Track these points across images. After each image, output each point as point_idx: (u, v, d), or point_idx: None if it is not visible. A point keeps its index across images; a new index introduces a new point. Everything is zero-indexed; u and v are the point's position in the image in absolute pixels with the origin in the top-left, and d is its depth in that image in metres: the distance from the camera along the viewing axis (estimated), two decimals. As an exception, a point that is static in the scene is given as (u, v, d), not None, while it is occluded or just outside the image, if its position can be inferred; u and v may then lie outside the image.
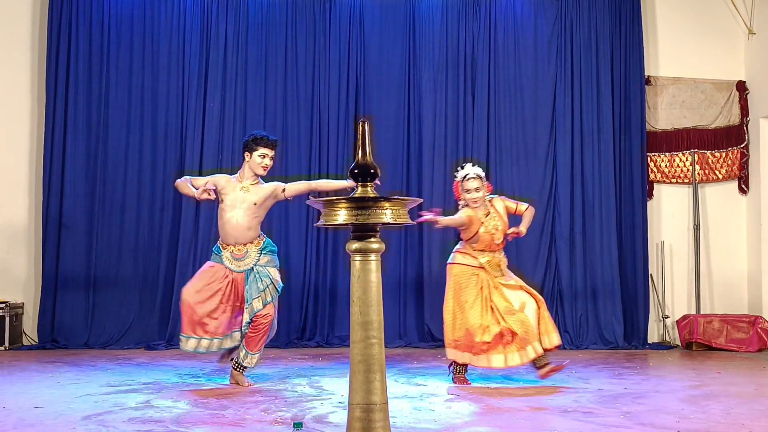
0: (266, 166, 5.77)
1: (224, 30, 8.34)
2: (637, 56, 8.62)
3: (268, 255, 5.74)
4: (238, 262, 5.66)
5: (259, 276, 5.63)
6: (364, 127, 3.47)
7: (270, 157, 5.77)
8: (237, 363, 5.71)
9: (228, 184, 5.76)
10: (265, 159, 5.75)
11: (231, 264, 5.67)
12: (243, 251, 5.67)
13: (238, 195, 5.70)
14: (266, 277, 5.64)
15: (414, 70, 8.52)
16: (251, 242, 5.69)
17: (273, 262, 5.75)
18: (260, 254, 5.70)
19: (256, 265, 5.67)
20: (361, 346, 3.36)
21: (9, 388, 5.57)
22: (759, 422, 4.49)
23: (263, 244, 5.74)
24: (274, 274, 5.70)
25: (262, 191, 5.73)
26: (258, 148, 5.73)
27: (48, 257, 7.99)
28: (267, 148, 5.75)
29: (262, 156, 5.74)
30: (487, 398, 5.27)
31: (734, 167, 8.79)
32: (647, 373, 6.52)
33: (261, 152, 5.73)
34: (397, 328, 8.25)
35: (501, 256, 6.03)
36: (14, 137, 8.28)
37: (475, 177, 5.91)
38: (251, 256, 5.68)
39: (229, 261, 5.68)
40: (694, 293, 8.55)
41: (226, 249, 5.70)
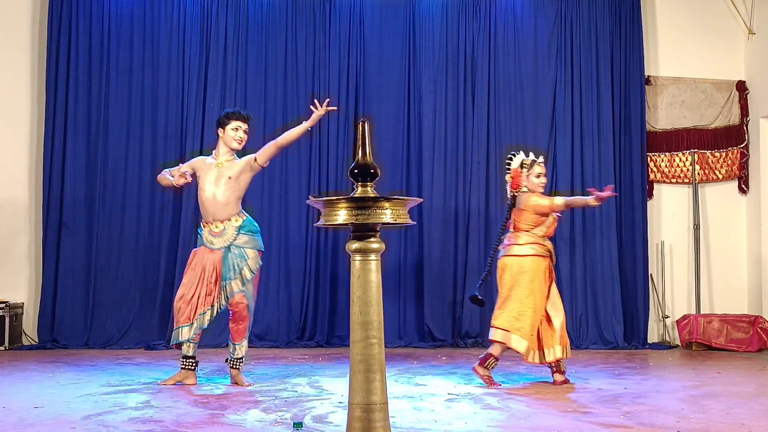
0: (240, 139, 5.76)
1: (224, 30, 8.34)
2: (637, 56, 8.62)
3: (247, 235, 5.70)
4: (215, 239, 5.66)
5: (235, 256, 5.63)
6: (364, 127, 3.47)
7: (243, 131, 5.77)
8: (232, 361, 5.74)
9: (204, 164, 5.78)
10: (239, 132, 5.75)
11: (209, 242, 5.67)
12: (220, 228, 5.65)
13: (214, 172, 5.72)
14: (240, 258, 5.63)
15: (414, 70, 8.52)
16: (229, 219, 5.68)
17: (251, 242, 5.71)
18: (238, 233, 5.67)
19: (233, 244, 5.66)
20: (361, 346, 3.36)
21: (9, 388, 5.57)
22: (759, 422, 4.49)
23: (242, 223, 5.71)
24: (251, 254, 5.67)
25: (237, 165, 5.74)
26: (230, 122, 5.74)
27: (48, 257, 7.99)
28: (240, 121, 5.77)
29: (236, 129, 5.74)
30: (487, 398, 5.27)
31: (734, 167, 8.79)
32: (647, 373, 6.51)
33: (234, 125, 5.74)
34: (397, 328, 8.25)
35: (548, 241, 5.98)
36: (14, 137, 8.28)
37: (542, 162, 5.89)
38: (228, 233, 5.65)
39: (207, 239, 5.69)
40: (694, 293, 8.55)
41: (205, 227, 5.73)
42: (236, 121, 5.75)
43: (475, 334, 8.26)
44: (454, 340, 8.25)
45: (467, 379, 6.12)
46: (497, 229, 8.40)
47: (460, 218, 8.42)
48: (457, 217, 8.42)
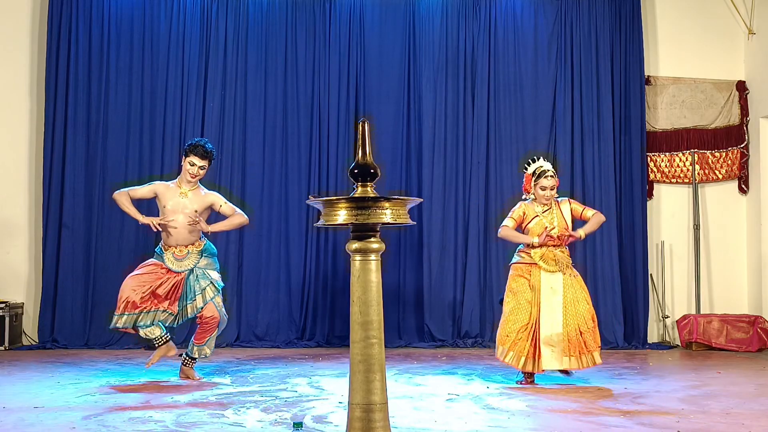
0: (193, 175, 5.93)
1: (224, 30, 8.34)
2: (637, 56, 8.62)
3: (208, 258, 5.97)
4: (179, 263, 5.87)
5: (199, 278, 5.84)
6: (364, 127, 3.47)
7: (199, 167, 5.92)
8: (186, 357, 5.93)
9: (167, 190, 5.96)
10: (193, 168, 5.91)
11: (173, 265, 5.87)
12: (184, 252, 5.90)
13: (178, 201, 5.89)
14: (204, 278, 5.85)
15: (414, 70, 8.52)
16: (192, 244, 5.91)
17: (212, 264, 5.98)
18: (200, 256, 5.92)
19: (196, 266, 5.89)
20: (361, 346, 3.36)
21: (9, 388, 5.57)
22: (759, 422, 4.49)
23: (203, 247, 5.96)
24: (213, 275, 5.92)
25: (203, 201, 5.95)
26: (189, 156, 5.93)
27: (48, 257, 7.99)
28: (197, 158, 5.91)
29: (191, 164, 5.91)
30: (487, 398, 5.27)
31: (734, 167, 8.79)
32: (647, 373, 6.52)
33: (190, 160, 5.92)
34: (397, 328, 8.25)
35: (557, 250, 5.88)
36: (14, 137, 8.28)
37: (553, 175, 5.88)
38: (192, 257, 5.90)
39: (171, 262, 5.88)
40: (694, 293, 8.55)
41: (167, 251, 5.91)
42: (194, 157, 5.91)
43: (475, 334, 8.26)
44: (454, 340, 8.25)
45: (467, 379, 6.12)
46: (496, 228, 8.45)
47: (460, 218, 8.42)
48: (457, 217, 8.42)
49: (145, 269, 5.89)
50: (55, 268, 7.98)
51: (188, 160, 5.91)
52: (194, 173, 5.91)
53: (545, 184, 5.85)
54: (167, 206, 5.90)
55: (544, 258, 5.85)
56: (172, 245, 5.89)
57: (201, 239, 5.97)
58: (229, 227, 6.12)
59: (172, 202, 5.89)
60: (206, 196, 6.01)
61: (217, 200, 6.03)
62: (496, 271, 8.38)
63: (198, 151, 5.89)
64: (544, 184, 5.85)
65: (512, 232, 5.91)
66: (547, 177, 5.86)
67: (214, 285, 5.88)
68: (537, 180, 5.87)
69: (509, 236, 5.92)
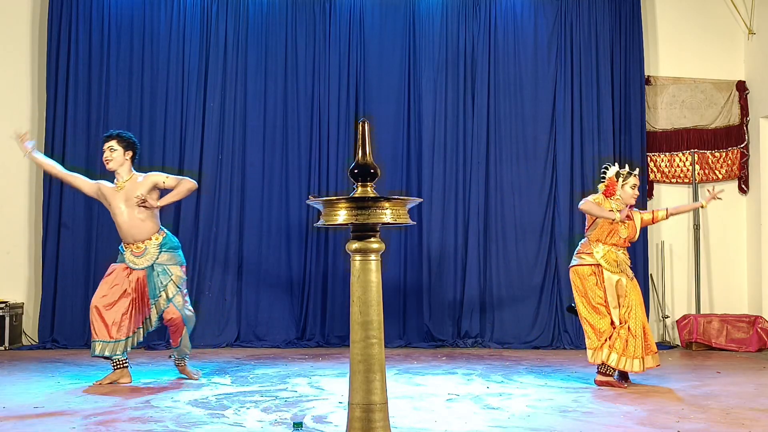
0: (105, 159, 5.88)
1: (224, 30, 8.34)
2: (637, 56, 8.62)
3: (169, 252, 5.83)
4: (137, 260, 5.78)
5: (159, 275, 5.75)
6: (364, 127, 3.47)
7: (107, 149, 5.84)
8: (176, 359, 5.92)
9: (109, 190, 5.90)
10: (104, 153, 5.88)
11: (132, 262, 5.78)
12: (142, 248, 5.78)
13: (120, 194, 5.82)
14: (164, 275, 5.75)
15: (414, 70, 8.52)
16: (149, 238, 5.80)
17: (174, 259, 5.84)
18: (160, 251, 5.80)
19: (156, 262, 5.77)
20: (361, 346, 3.36)
21: (9, 388, 5.57)
22: (759, 422, 4.49)
23: (163, 240, 5.82)
24: (175, 271, 5.80)
25: (144, 186, 5.80)
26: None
27: (48, 257, 7.99)
28: (103, 142, 5.90)
29: (103, 151, 5.88)
30: (487, 398, 5.27)
31: (734, 167, 8.79)
32: (647, 373, 6.51)
33: (103, 149, 5.89)
34: (397, 328, 8.25)
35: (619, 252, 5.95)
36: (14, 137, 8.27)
37: (637, 174, 6.02)
38: (150, 252, 5.78)
39: (130, 260, 5.79)
40: (694, 293, 8.55)
41: (127, 248, 5.83)
42: (104, 142, 5.89)
43: (475, 334, 8.27)
44: (454, 340, 8.25)
45: (467, 379, 6.12)
46: (497, 229, 8.47)
47: (460, 218, 8.42)
48: (457, 217, 8.42)
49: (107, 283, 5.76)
50: (55, 268, 7.98)
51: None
52: (104, 158, 5.84)
53: (636, 182, 6.00)
54: (111, 204, 5.83)
55: (606, 259, 5.88)
56: (130, 242, 5.79)
57: (159, 232, 5.83)
58: (177, 197, 5.90)
59: (116, 199, 5.81)
60: (145, 179, 5.84)
61: (159, 177, 5.87)
62: (496, 271, 8.38)
63: (105, 138, 5.90)
64: (634, 182, 5.99)
65: (596, 206, 5.91)
66: (636, 175, 6.02)
67: (174, 283, 5.78)
68: (626, 180, 5.98)
69: (592, 209, 5.91)
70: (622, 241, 5.94)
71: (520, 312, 8.34)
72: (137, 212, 5.77)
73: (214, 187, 8.22)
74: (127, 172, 5.87)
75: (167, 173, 6.01)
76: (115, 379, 5.72)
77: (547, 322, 8.33)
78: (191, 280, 8.09)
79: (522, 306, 8.37)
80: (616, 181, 5.98)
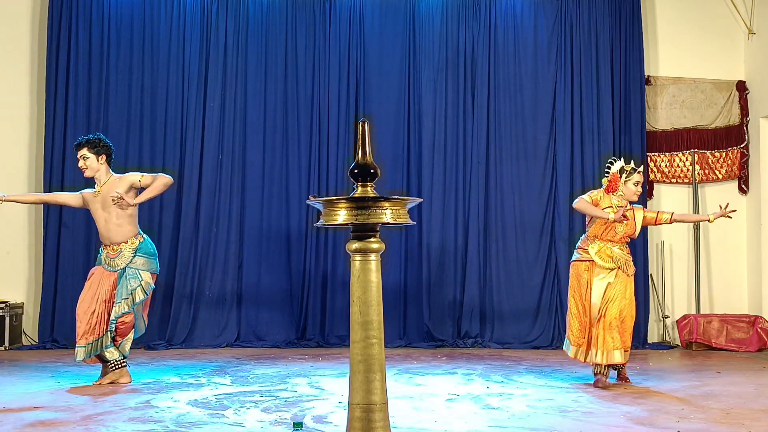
0: (82, 167, 5.87)
1: (224, 30, 8.34)
2: (637, 56, 8.62)
3: (144, 257, 5.82)
4: (112, 261, 5.79)
5: (129, 278, 5.74)
6: (364, 127, 3.47)
7: (80, 157, 5.83)
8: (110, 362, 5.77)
9: (89, 196, 5.90)
10: (79, 161, 5.86)
11: (107, 264, 5.81)
12: (117, 251, 5.79)
13: (98, 199, 5.83)
14: (134, 279, 5.74)
15: (414, 70, 8.52)
16: (125, 242, 5.79)
17: (147, 264, 5.83)
18: (134, 255, 5.79)
19: (129, 266, 5.77)
20: (361, 346, 3.36)
21: (9, 388, 5.57)
22: (759, 422, 4.49)
23: (139, 245, 5.82)
24: (145, 277, 5.79)
25: (122, 186, 5.77)
26: None
27: (48, 257, 7.99)
28: (77, 151, 5.87)
29: (78, 159, 5.87)
30: (487, 398, 5.27)
31: (734, 167, 8.79)
32: (647, 373, 6.52)
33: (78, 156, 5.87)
34: (397, 328, 8.25)
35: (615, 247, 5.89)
36: (14, 137, 8.28)
37: (642, 171, 5.97)
38: (125, 255, 5.78)
39: (106, 261, 5.82)
40: (694, 293, 8.55)
41: (104, 250, 5.85)
42: (76, 151, 5.87)
43: (475, 334, 8.26)
44: (454, 340, 8.25)
45: (467, 379, 6.12)
46: (497, 229, 8.46)
47: (460, 218, 8.42)
48: (457, 217, 8.42)
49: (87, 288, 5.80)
50: (55, 268, 7.98)
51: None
52: (80, 166, 5.84)
53: (639, 179, 5.95)
54: (92, 208, 5.86)
55: (600, 255, 5.87)
56: (107, 244, 5.81)
57: (136, 236, 5.83)
58: (153, 192, 5.86)
59: (95, 204, 5.83)
60: (121, 180, 5.83)
61: (134, 177, 5.85)
62: (496, 271, 8.38)
63: (75, 147, 5.88)
64: (638, 179, 5.95)
65: (589, 205, 5.91)
66: (640, 172, 5.96)
67: (142, 289, 5.77)
68: (629, 176, 5.94)
69: (586, 208, 5.92)
70: (619, 237, 5.91)
71: (520, 312, 8.33)
72: (115, 217, 5.78)
73: (214, 188, 8.22)
74: (104, 176, 5.87)
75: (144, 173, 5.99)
76: (115, 378, 5.71)
77: (547, 322, 8.33)
78: (191, 279, 8.10)
79: (522, 306, 8.37)
80: (619, 177, 5.95)
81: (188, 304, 8.07)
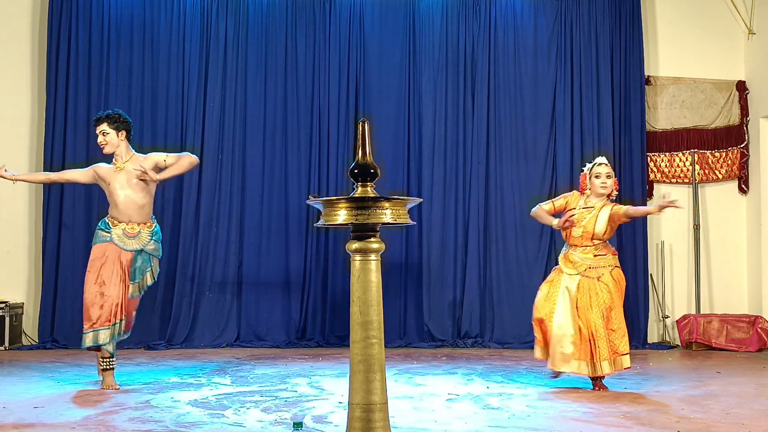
0: (101, 143, 5.78)
1: (224, 30, 8.34)
2: (637, 56, 8.62)
3: (156, 243, 5.79)
4: (129, 240, 5.67)
5: (144, 261, 5.69)
6: (364, 127, 3.47)
7: (100, 133, 5.75)
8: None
9: (107, 170, 5.78)
10: (98, 138, 5.79)
11: (121, 242, 5.66)
12: (136, 230, 5.69)
13: (119, 175, 5.72)
14: (147, 263, 5.72)
15: (414, 70, 8.52)
16: (144, 223, 5.72)
17: (158, 251, 5.82)
18: (150, 238, 5.74)
19: (144, 249, 5.71)
20: (361, 346, 3.36)
21: (9, 388, 5.57)
22: (759, 422, 4.49)
23: (155, 229, 5.79)
24: (155, 263, 5.80)
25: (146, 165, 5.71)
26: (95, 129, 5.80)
27: (48, 257, 7.99)
28: (95, 126, 5.79)
29: (97, 135, 5.79)
30: (487, 398, 5.27)
31: (734, 167, 8.79)
32: (647, 373, 6.52)
33: (96, 131, 5.78)
34: (397, 328, 8.25)
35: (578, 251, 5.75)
36: (14, 137, 8.27)
37: (606, 163, 5.80)
38: (142, 238, 5.71)
39: (120, 239, 5.66)
40: (694, 293, 8.55)
41: (117, 226, 5.67)
42: (95, 127, 5.79)
43: (475, 334, 8.26)
44: (454, 340, 8.25)
45: (467, 379, 6.12)
46: (497, 229, 8.46)
47: (460, 218, 8.42)
48: (457, 217, 8.42)
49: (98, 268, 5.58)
50: (55, 268, 7.98)
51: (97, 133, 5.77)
52: (98, 142, 5.76)
53: (599, 171, 5.75)
54: (110, 185, 5.70)
55: (564, 260, 5.82)
56: (124, 221, 5.67)
57: (152, 220, 5.79)
58: (178, 171, 5.84)
59: (116, 179, 5.70)
60: (145, 159, 5.77)
61: (159, 157, 5.82)
62: (496, 271, 8.38)
63: (95, 121, 5.80)
64: (598, 171, 5.76)
65: (541, 212, 5.89)
66: (600, 165, 5.79)
67: (151, 274, 5.75)
68: (591, 170, 5.80)
69: (538, 215, 5.93)
70: (579, 240, 5.74)
71: (520, 312, 8.31)
72: (141, 197, 5.68)
73: (214, 187, 8.22)
74: (125, 153, 5.78)
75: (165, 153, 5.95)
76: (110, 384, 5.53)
77: (547, 322, 8.32)
78: (191, 279, 8.10)
79: (522, 306, 8.34)
80: (586, 175, 5.86)
81: (188, 304, 8.07)
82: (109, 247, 5.65)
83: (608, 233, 5.75)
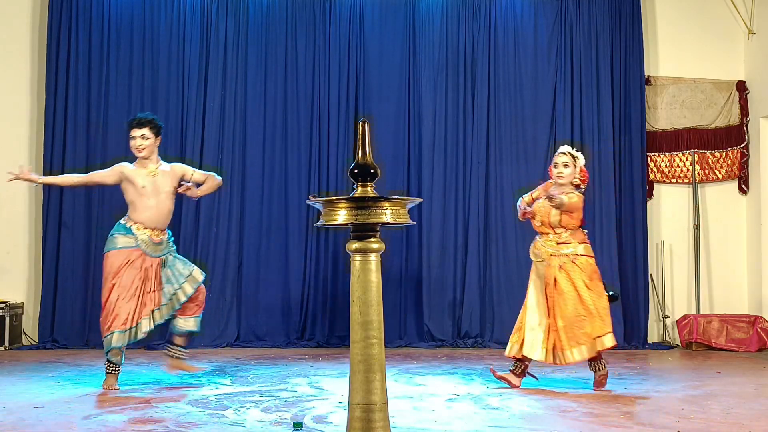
0: (138, 147, 5.71)
1: (224, 30, 8.34)
2: (637, 56, 8.62)
3: (173, 246, 5.85)
4: (156, 247, 5.66)
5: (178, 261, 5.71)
6: (364, 127, 3.47)
7: (140, 136, 5.70)
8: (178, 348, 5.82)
9: (134, 171, 5.73)
10: (135, 140, 5.72)
11: (148, 248, 5.62)
12: (160, 237, 5.69)
13: (150, 180, 5.69)
14: (183, 263, 5.74)
15: (414, 70, 8.52)
16: (165, 230, 5.75)
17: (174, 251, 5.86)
18: (170, 243, 5.79)
19: (170, 252, 5.74)
20: (361, 346, 3.36)
21: (9, 388, 5.57)
22: (759, 422, 4.49)
23: (168, 234, 5.82)
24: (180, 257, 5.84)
25: (175, 175, 5.77)
26: (130, 131, 5.76)
27: (48, 257, 7.99)
28: (134, 129, 5.74)
29: (132, 138, 5.73)
30: (487, 398, 5.27)
31: (734, 167, 8.79)
32: (647, 373, 6.52)
33: (131, 134, 5.75)
34: (397, 328, 8.25)
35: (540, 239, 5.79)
36: (14, 137, 8.27)
37: (565, 153, 5.77)
38: (164, 243, 5.73)
39: (148, 245, 5.62)
40: (694, 293, 8.55)
41: (142, 231, 5.61)
42: (133, 131, 5.74)
43: (475, 334, 8.26)
44: (454, 340, 8.25)
45: (467, 379, 6.12)
46: (497, 229, 8.46)
47: (460, 218, 8.42)
48: (457, 217, 8.42)
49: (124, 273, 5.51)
50: (55, 268, 7.98)
51: (131, 135, 5.72)
52: (137, 145, 5.68)
53: (557, 161, 5.77)
54: (141, 187, 5.63)
55: (533, 246, 5.86)
56: (151, 227, 5.63)
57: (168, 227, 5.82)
58: (209, 191, 5.95)
59: (148, 182, 5.65)
60: (174, 168, 5.81)
61: (187, 169, 5.87)
62: (496, 270, 8.38)
63: (133, 123, 5.76)
64: (555, 161, 5.78)
65: (522, 205, 5.92)
66: (559, 155, 5.78)
67: (197, 267, 5.80)
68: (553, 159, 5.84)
69: (520, 208, 5.94)
70: (541, 228, 5.79)
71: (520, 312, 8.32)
72: (169, 203, 5.72)
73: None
74: (156, 159, 5.80)
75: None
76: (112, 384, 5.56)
77: (547, 322, 8.32)
78: (191, 280, 8.10)
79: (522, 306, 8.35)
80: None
81: (188, 304, 8.06)
82: (134, 253, 5.58)
83: (568, 222, 5.72)
